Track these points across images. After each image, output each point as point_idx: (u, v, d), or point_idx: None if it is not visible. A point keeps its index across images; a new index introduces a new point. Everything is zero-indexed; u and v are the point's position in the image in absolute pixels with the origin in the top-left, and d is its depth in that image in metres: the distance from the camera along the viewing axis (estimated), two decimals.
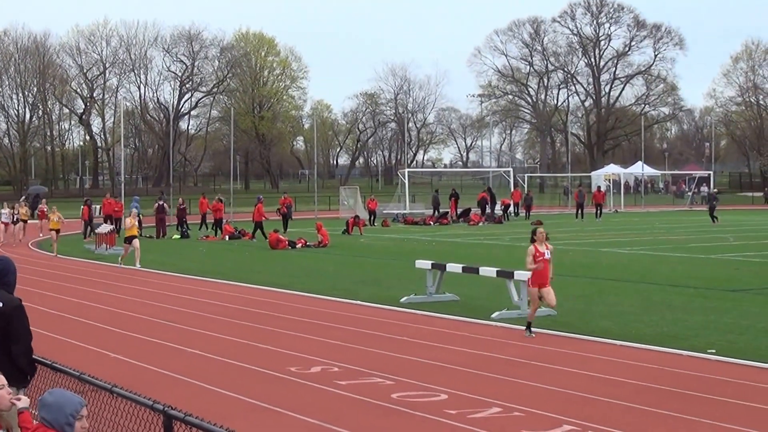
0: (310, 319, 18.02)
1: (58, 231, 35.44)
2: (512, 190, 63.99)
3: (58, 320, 18.23)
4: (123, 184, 59.10)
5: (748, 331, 15.95)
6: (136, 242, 29.72)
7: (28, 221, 43.53)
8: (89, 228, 42.48)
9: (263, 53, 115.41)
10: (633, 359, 13.73)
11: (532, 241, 15.90)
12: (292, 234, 40.14)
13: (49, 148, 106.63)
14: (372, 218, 52.80)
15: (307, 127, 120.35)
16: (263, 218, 41.34)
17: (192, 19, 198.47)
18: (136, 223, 31.51)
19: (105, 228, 37.13)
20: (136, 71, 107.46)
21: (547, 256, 15.72)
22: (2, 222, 40.51)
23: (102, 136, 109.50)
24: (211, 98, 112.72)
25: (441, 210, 56.84)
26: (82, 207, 44.68)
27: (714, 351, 14.08)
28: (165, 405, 5.40)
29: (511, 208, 60.07)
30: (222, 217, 44.75)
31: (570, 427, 10.01)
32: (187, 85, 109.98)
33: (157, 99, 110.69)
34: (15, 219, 40.18)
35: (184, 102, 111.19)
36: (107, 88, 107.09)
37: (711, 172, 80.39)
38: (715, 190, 59.72)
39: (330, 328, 16.87)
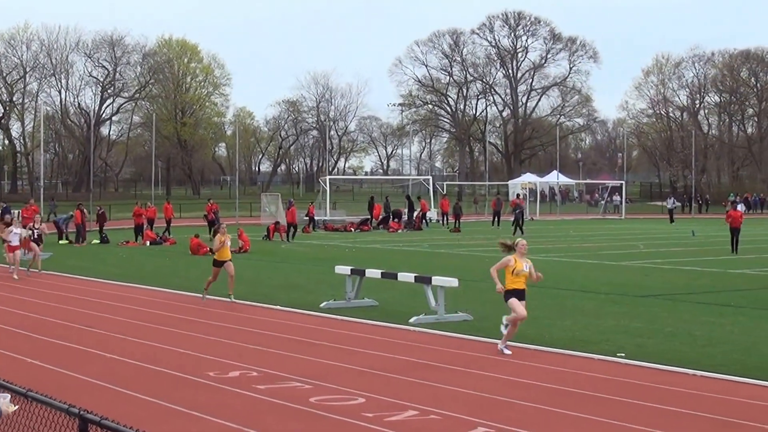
0: (229, 323, 18.07)
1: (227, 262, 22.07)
2: (440, 199, 64.49)
3: None
4: (42, 189, 58.21)
5: (656, 335, 16.46)
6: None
7: None
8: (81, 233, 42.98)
9: (186, 60, 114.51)
10: (547, 363, 14.06)
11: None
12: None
13: None
14: (312, 224, 53.19)
15: (229, 133, 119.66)
16: (295, 222, 45.00)
17: (114, 24, 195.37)
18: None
19: (24, 233, 36.44)
20: (57, 76, 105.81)
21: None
22: (12, 246, 28.30)
23: (21, 140, 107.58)
24: (133, 104, 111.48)
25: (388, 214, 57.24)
26: (74, 212, 44.29)
27: (624, 354, 14.50)
28: (80, 409, 5.40)
29: (435, 216, 60.64)
30: (143, 223, 44.52)
31: (485, 429, 10.25)
32: (109, 91, 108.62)
33: (78, 104, 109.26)
34: (35, 236, 29.78)
35: (106, 107, 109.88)
36: (27, 92, 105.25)
37: (623, 182, 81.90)
38: (521, 198, 59.36)
39: (249, 332, 16.94)
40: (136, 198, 62.27)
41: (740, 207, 51.50)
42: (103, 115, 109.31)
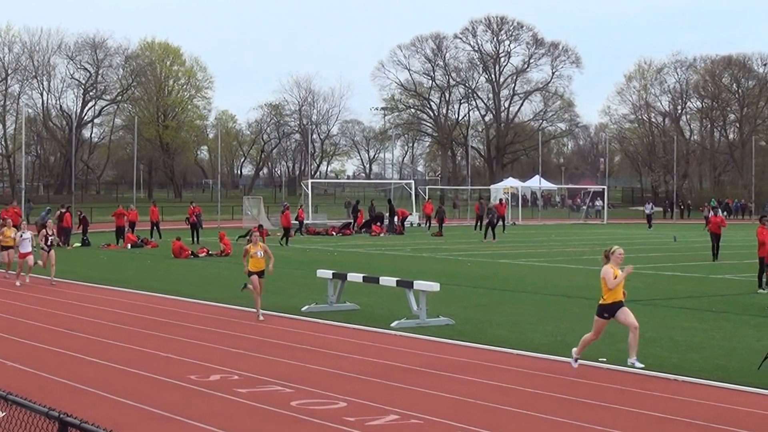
0: (210, 327, 18.02)
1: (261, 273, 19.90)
2: (423, 203, 64.56)
3: None
4: (24, 192, 57.93)
5: None
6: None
7: None
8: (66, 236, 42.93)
9: (168, 63, 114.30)
10: (528, 368, 14.07)
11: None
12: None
13: None
14: (301, 228, 53.18)
15: (211, 136, 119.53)
16: (290, 225, 45.34)
17: (97, 26, 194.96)
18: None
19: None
20: (39, 78, 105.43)
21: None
22: (21, 252, 27.24)
23: (3, 143, 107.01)
24: (115, 106, 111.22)
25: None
26: (65, 214, 44.18)
27: (605, 359, 14.52)
28: (61, 412, 5.39)
29: (417, 220, 60.63)
30: (124, 225, 44.38)
31: None
32: (91, 93, 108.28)
33: (60, 106, 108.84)
34: (49, 243, 27.76)
35: (88, 110, 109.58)
36: (9, 94, 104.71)
37: (605, 187, 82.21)
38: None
39: (230, 336, 16.90)
40: (117, 201, 61.96)
41: (719, 213, 51.55)
42: (85, 118, 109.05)
